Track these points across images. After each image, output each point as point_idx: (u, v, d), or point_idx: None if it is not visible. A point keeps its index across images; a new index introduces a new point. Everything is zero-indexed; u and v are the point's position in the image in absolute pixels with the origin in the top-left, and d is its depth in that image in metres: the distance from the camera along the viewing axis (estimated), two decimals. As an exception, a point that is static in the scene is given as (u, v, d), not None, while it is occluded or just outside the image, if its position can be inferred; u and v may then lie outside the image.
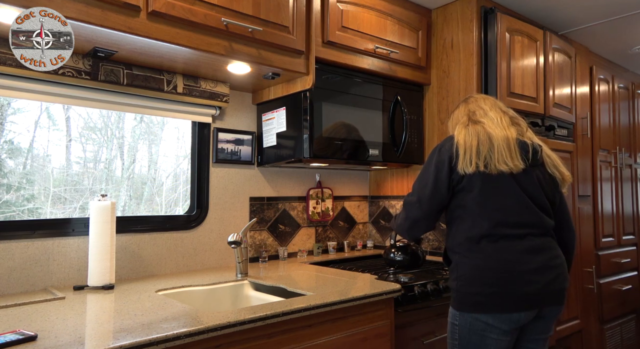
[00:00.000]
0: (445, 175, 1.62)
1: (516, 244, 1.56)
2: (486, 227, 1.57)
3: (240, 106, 2.34)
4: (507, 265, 1.53)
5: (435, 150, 1.70)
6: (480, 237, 1.58)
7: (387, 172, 2.80)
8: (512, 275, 1.52)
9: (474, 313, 1.55)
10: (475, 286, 1.55)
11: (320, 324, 1.54)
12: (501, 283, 1.52)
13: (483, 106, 1.74)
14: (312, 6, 2.03)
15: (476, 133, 1.63)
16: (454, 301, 1.62)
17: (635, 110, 3.72)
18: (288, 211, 2.52)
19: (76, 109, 2.06)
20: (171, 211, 2.33)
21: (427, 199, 1.65)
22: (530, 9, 2.63)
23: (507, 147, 1.60)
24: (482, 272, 1.55)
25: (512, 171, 1.59)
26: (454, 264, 1.64)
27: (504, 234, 1.57)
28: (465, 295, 1.57)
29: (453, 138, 1.67)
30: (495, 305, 1.52)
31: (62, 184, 2.02)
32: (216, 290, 1.86)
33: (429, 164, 1.68)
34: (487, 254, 1.56)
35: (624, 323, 3.36)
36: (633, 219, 3.57)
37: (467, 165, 1.58)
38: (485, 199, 1.59)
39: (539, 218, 1.61)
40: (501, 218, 1.57)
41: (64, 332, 1.20)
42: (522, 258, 1.54)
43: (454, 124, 1.78)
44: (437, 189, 1.63)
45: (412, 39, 2.46)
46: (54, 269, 1.77)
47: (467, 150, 1.60)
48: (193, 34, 1.66)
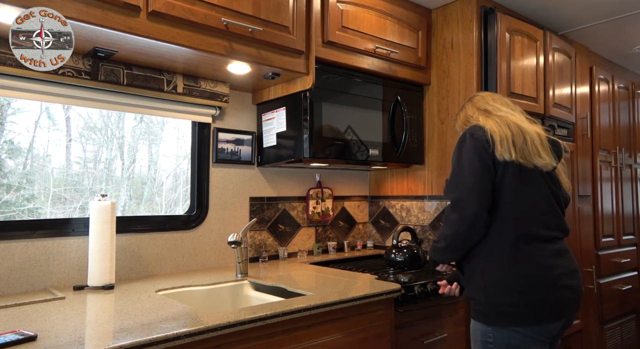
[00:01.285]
0: (490, 156, 1.44)
1: (546, 246, 1.43)
2: (520, 227, 1.42)
3: (240, 106, 2.34)
4: (541, 270, 1.40)
5: (464, 139, 1.51)
6: (515, 239, 1.42)
7: (387, 172, 2.80)
8: (547, 281, 1.39)
9: (511, 327, 1.38)
10: (509, 294, 1.39)
11: (320, 324, 1.54)
12: (537, 290, 1.38)
13: (492, 102, 1.62)
14: (312, 6, 2.03)
15: (506, 123, 1.48)
16: (481, 315, 1.44)
17: (635, 110, 3.72)
18: (288, 211, 2.52)
19: (76, 109, 2.06)
20: (171, 211, 2.33)
21: (478, 185, 1.42)
22: (530, 9, 2.63)
23: (540, 141, 1.49)
24: (517, 278, 1.39)
25: (544, 168, 1.48)
26: (479, 270, 1.46)
27: (537, 236, 1.43)
28: (498, 306, 1.40)
29: (482, 127, 1.50)
30: (534, 315, 1.38)
31: (62, 184, 2.02)
32: (216, 290, 1.86)
33: (465, 152, 1.47)
34: (521, 257, 1.41)
35: (624, 323, 3.36)
36: (633, 219, 3.57)
37: (505, 151, 1.43)
38: (517, 195, 1.44)
39: (562, 220, 1.51)
40: (533, 218, 1.44)
41: (64, 332, 1.20)
42: (553, 262, 1.42)
43: (463, 120, 1.66)
44: (486, 169, 1.43)
45: (412, 39, 2.46)
46: (54, 269, 1.77)
47: (503, 138, 1.44)
48: (193, 34, 1.66)
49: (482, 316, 1.43)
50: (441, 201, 2.49)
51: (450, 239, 1.50)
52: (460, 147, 1.50)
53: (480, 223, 1.43)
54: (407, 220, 2.66)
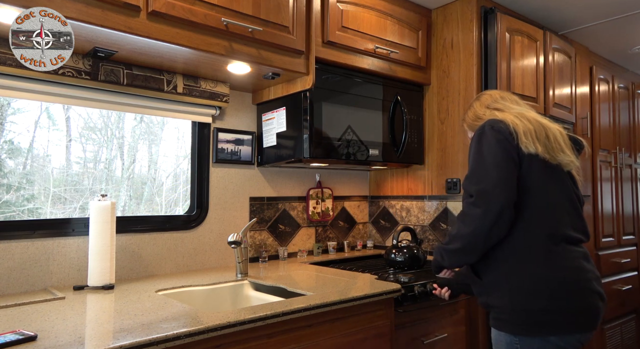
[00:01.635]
0: (515, 148, 1.33)
1: (575, 248, 1.33)
2: (549, 227, 1.31)
3: (240, 106, 2.34)
4: (573, 273, 1.30)
5: (483, 132, 1.38)
6: (544, 239, 1.30)
7: (387, 172, 2.80)
8: (579, 286, 1.29)
9: (541, 336, 1.27)
10: (538, 301, 1.27)
11: (320, 324, 1.54)
12: (570, 295, 1.27)
13: (501, 101, 1.52)
14: (312, 6, 2.03)
15: (526, 118, 1.38)
16: (506, 324, 1.32)
17: (635, 110, 3.72)
18: (288, 211, 2.52)
19: (76, 109, 2.06)
20: (171, 211, 2.33)
21: (504, 177, 1.29)
22: (530, 9, 2.63)
23: (562, 138, 1.39)
24: (548, 283, 1.27)
25: (567, 166, 1.39)
26: (502, 274, 1.33)
27: (565, 236, 1.32)
28: (526, 314, 1.28)
29: (502, 120, 1.39)
30: (568, 323, 1.27)
31: (62, 184, 2.02)
32: (216, 290, 1.86)
33: (486, 144, 1.34)
34: (551, 260, 1.29)
35: (624, 323, 3.36)
36: (633, 219, 3.57)
37: (530, 143, 1.32)
38: (545, 192, 1.34)
39: (585, 223, 1.41)
40: (560, 217, 1.33)
41: (64, 332, 1.20)
42: (583, 265, 1.31)
43: (473, 118, 1.55)
44: (511, 161, 1.31)
45: (412, 39, 2.46)
46: (54, 269, 1.77)
47: (527, 131, 1.34)
48: (193, 34, 1.66)
49: (507, 325, 1.31)
50: (441, 201, 2.49)
51: (468, 239, 1.33)
52: (479, 140, 1.37)
53: (505, 219, 1.28)
54: (407, 220, 2.66)
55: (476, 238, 1.32)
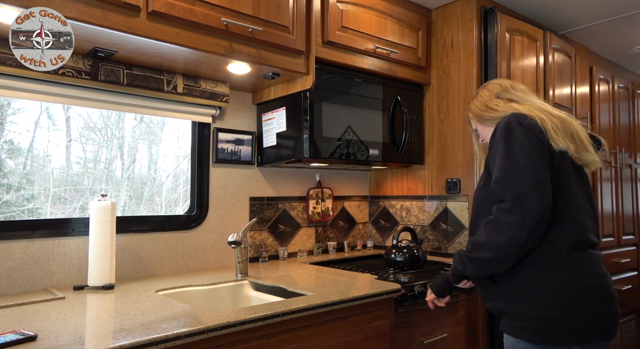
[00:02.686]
0: (547, 146, 1.24)
1: (595, 253, 1.28)
2: (577, 232, 1.25)
3: (240, 106, 2.34)
4: (598, 280, 1.24)
5: (510, 129, 1.27)
6: (573, 244, 1.24)
7: (387, 172, 2.80)
8: (603, 293, 1.24)
9: (565, 345, 1.21)
10: (565, 309, 1.21)
11: (320, 324, 1.54)
12: (595, 303, 1.22)
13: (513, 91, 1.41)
14: (312, 6, 2.03)
15: (549, 113, 1.29)
16: (527, 332, 1.24)
17: (635, 110, 3.72)
18: (288, 211, 2.52)
19: (76, 109, 2.06)
20: (171, 211, 2.33)
21: (541, 179, 1.19)
22: (530, 9, 2.63)
23: (585, 137, 1.31)
24: (575, 291, 1.21)
25: (590, 165, 1.33)
26: (525, 281, 1.25)
27: (589, 242, 1.27)
28: (551, 322, 1.21)
29: (526, 115, 1.29)
30: (592, 332, 1.21)
31: (62, 184, 2.02)
32: (216, 290, 1.86)
33: (516, 143, 1.24)
34: (578, 266, 1.23)
35: (624, 323, 3.36)
36: (633, 219, 3.57)
37: (560, 140, 1.24)
38: (573, 194, 1.27)
39: (599, 227, 1.36)
40: (584, 221, 1.27)
41: (64, 332, 1.20)
42: (604, 271, 1.27)
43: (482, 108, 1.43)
44: (545, 161, 1.22)
45: (412, 39, 2.46)
46: (54, 269, 1.77)
47: (555, 128, 1.25)
48: (193, 34, 1.66)
49: (528, 334, 1.23)
50: (441, 201, 2.49)
51: (504, 248, 1.22)
52: (507, 138, 1.25)
53: (543, 225, 1.19)
54: (407, 220, 2.66)
55: (511, 248, 1.22)
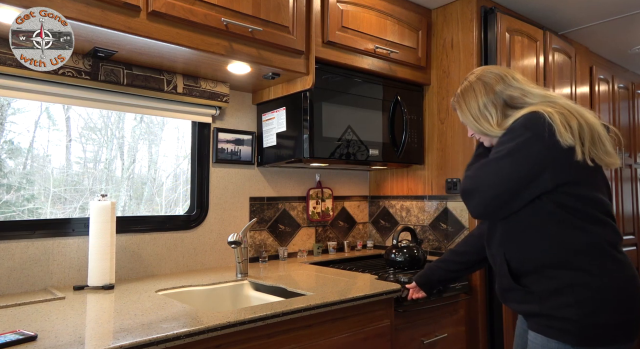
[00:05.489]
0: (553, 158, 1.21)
1: (626, 256, 1.27)
2: (610, 233, 1.24)
3: (240, 106, 2.34)
4: (633, 281, 1.23)
5: (516, 128, 1.25)
6: (607, 245, 1.22)
7: (387, 172, 2.80)
8: (637, 295, 1.23)
9: (604, 347, 1.20)
10: (605, 313, 1.19)
11: (320, 324, 1.54)
12: (632, 303, 1.22)
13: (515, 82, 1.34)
14: (312, 6, 2.03)
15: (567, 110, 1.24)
16: (562, 333, 1.22)
17: (635, 110, 3.72)
18: (288, 211, 2.52)
19: (76, 109, 2.06)
20: (171, 211, 2.33)
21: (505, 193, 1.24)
22: (530, 9, 2.63)
23: (605, 135, 1.26)
24: (615, 294, 1.20)
25: (610, 166, 1.28)
26: (564, 284, 1.23)
27: (619, 242, 1.26)
28: (593, 327, 1.19)
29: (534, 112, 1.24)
30: (625, 334, 1.21)
31: (62, 184, 2.02)
32: (216, 290, 1.86)
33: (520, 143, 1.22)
34: (614, 267, 1.22)
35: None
36: (633, 219, 3.57)
37: (579, 150, 1.20)
38: (594, 196, 1.24)
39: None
40: (613, 223, 1.26)
41: (64, 332, 1.20)
42: (636, 272, 1.25)
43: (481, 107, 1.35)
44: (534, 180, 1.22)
45: (412, 39, 2.46)
46: (54, 269, 1.77)
47: (576, 134, 1.21)
48: (193, 34, 1.66)
49: (565, 336, 1.21)
50: (441, 201, 2.49)
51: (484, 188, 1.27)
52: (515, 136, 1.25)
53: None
54: (407, 220, 2.66)
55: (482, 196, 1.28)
